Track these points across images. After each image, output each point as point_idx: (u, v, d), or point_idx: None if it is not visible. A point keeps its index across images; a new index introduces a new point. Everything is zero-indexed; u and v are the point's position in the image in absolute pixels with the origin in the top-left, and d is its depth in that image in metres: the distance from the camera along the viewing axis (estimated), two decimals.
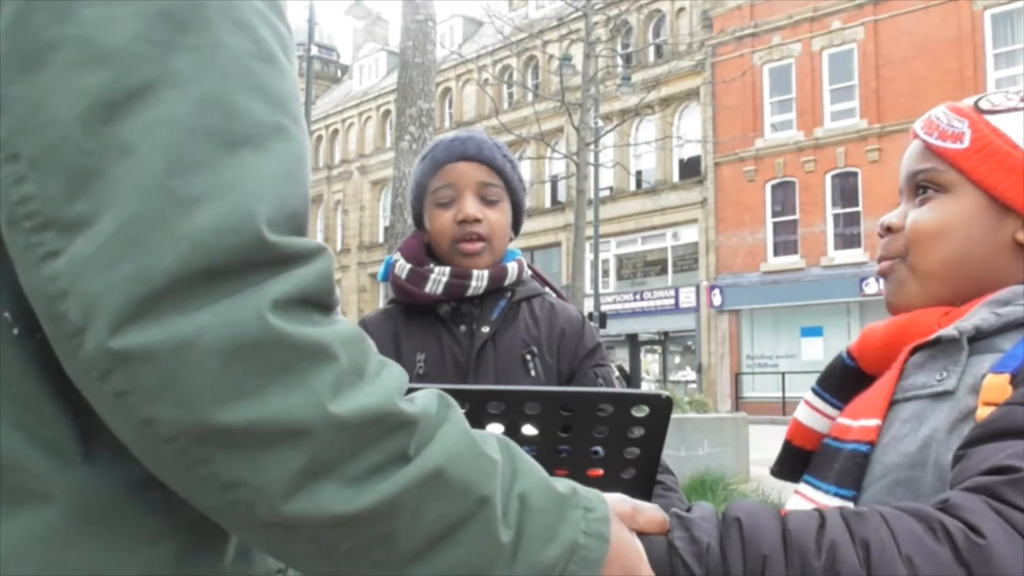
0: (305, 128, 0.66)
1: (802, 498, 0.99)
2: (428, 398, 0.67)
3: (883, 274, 1.07)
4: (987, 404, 0.86)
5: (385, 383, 0.63)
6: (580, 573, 0.67)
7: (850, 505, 0.92)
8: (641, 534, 0.74)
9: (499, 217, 1.68)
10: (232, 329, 0.56)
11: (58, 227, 0.56)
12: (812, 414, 1.10)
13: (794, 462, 1.10)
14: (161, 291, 0.55)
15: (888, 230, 1.07)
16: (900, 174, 1.11)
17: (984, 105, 1.05)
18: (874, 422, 0.94)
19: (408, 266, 1.67)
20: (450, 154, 1.67)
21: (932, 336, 0.95)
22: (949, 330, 0.93)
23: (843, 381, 1.09)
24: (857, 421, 0.98)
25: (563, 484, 0.71)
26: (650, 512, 0.76)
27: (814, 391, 1.11)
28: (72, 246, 0.56)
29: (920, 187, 1.07)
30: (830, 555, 0.70)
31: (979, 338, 0.92)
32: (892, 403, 0.95)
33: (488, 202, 1.66)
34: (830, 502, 0.94)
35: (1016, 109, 1.03)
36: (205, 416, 0.56)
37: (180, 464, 0.57)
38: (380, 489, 0.60)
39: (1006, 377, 0.86)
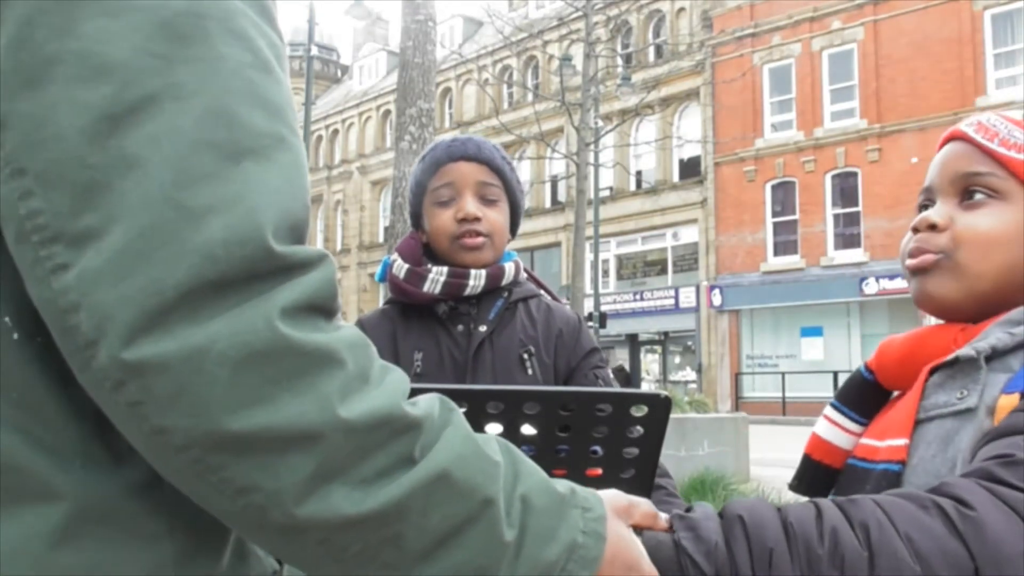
0: (300, 136, 0.67)
1: None
2: (431, 401, 0.68)
3: (922, 267, 1.06)
4: None
5: (390, 387, 0.64)
6: (579, 571, 0.69)
7: None
8: (637, 528, 0.76)
9: (498, 216, 1.69)
10: (243, 338, 0.57)
11: (66, 240, 0.57)
12: (832, 428, 1.11)
13: (813, 477, 1.12)
14: (173, 303, 0.56)
15: (932, 227, 1.06)
16: (938, 171, 1.09)
17: None
18: (902, 441, 0.96)
19: (406, 266, 1.67)
20: (450, 154, 1.68)
21: (950, 356, 0.97)
22: (967, 350, 0.95)
23: (862, 395, 1.11)
24: (884, 441, 0.99)
25: (562, 485, 0.72)
26: (644, 506, 0.78)
27: (834, 406, 1.13)
28: (82, 259, 0.56)
29: (970, 190, 1.05)
30: (832, 540, 0.72)
31: (994, 357, 0.94)
32: (916, 423, 0.97)
33: (487, 201, 1.67)
34: None
35: None
36: (218, 424, 0.57)
37: (193, 471, 0.59)
38: (389, 491, 0.61)
39: (1016, 397, 0.88)
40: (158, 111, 0.58)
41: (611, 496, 0.76)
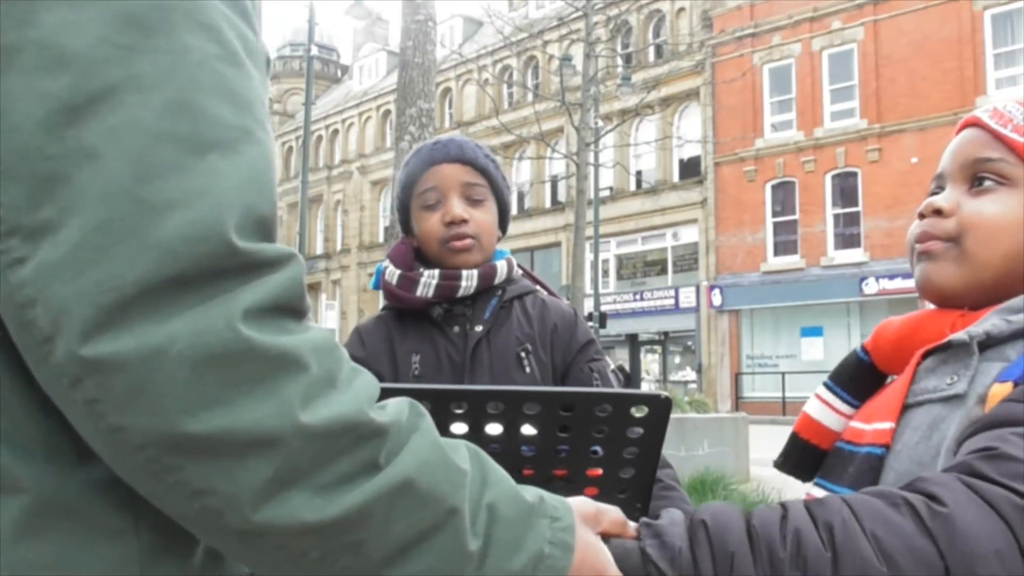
0: (271, 132, 0.66)
1: None
2: (399, 406, 0.67)
3: (926, 253, 1.04)
4: None
5: (357, 391, 0.63)
6: None
7: None
8: (606, 536, 0.76)
9: (485, 216, 1.69)
10: (203, 338, 0.56)
11: (23, 234, 0.56)
12: (823, 408, 1.10)
13: (799, 456, 1.10)
14: (131, 299, 0.55)
15: (938, 212, 1.04)
16: (950, 158, 1.07)
17: None
18: (888, 425, 0.95)
19: (398, 272, 1.68)
20: (432, 157, 1.69)
21: (943, 340, 0.95)
22: (960, 335, 0.94)
23: (856, 376, 1.09)
24: (871, 424, 0.98)
25: (531, 493, 0.71)
26: (612, 514, 0.78)
27: (826, 385, 1.11)
28: (38, 252, 0.55)
29: (979, 176, 1.03)
30: (795, 542, 0.71)
31: (989, 344, 0.92)
32: (905, 407, 0.95)
33: (473, 202, 1.68)
34: None
35: None
36: (175, 425, 0.56)
37: (150, 471, 0.58)
38: (351, 498, 0.60)
39: (1009, 386, 0.86)
40: (118, 103, 0.57)
41: (580, 504, 0.76)
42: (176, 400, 0.56)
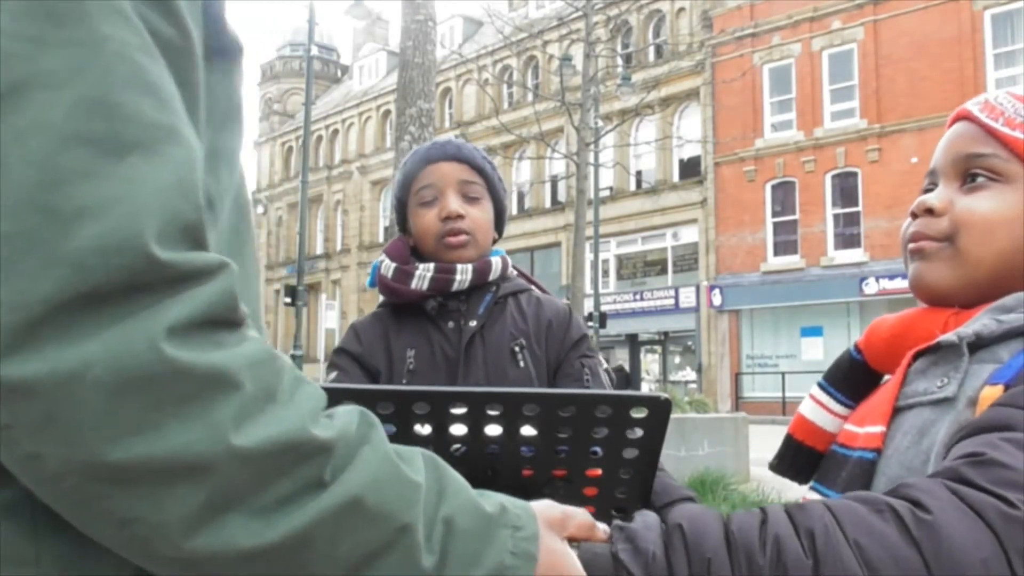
0: (192, 128, 0.61)
1: None
2: (348, 417, 0.63)
3: (920, 252, 1.01)
4: None
5: (299, 406, 0.59)
6: None
7: None
8: (574, 540, 0.74)
9: (481, 214, 1.71)
10: (122, 361, 0.51)
11: None
12: (817, 409, 1.08)
13: (794, 458, 1.08)
14: (39, 319, 0.50)
15: (929, 211, 1.01)
16: (942, 153, 1.04)
17: None
18: (878, 429, 0.93)
19: (393, 265, 1.70)
20: (430, 156, 1.72)
21: (933, 342, 0.93)
22: (949, 336, 0.91)
23: (849, 376, 1.07)
24: (863, 428, 0.96)
25: (491, 503, 0.68)
26: (580, 517, 0.75)
27: (820, 386, 1.09)
28: None
29: (971, 173, 1.00)
30: (775, 549, 0.69)
31: (981, 345, 0.90)
32: (896, 410, 0.93)
33: (470, 199, 1.70)
34: None
35: None
36: (94, 454, 0.52)
37: (72, 500, 0.54)
38: (292, 520, 0.57)
39: (1000, 388, 0.84)
40: (25, 102, 0.52)
41: (544, 509, 0.73)
42: (94, 428, 0.51)
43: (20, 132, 0.52)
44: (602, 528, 0.76)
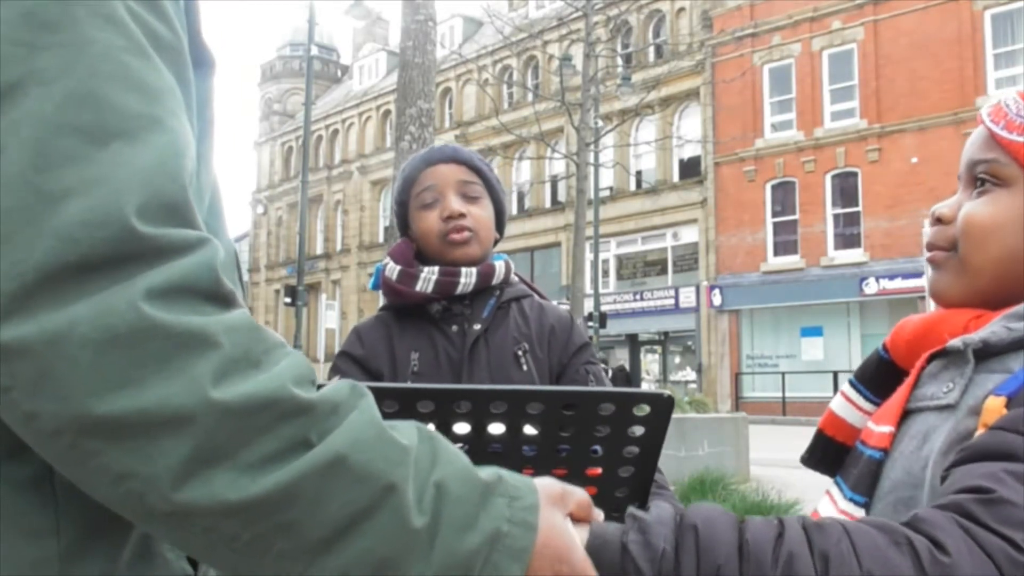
0: (187, 125, 0.67)
1: (828, 498, 0.98)
2: (338, 387, 0.66)
3: (933, 262, 1.01)
4: (986, 427, 0.82)
5: (280, 370, 0.63)
6: (505, 562, 0.66)
7: (862, 513, 0.91)
8: (575, 519, 0.73)
9: (482, 212, 1.72)
10: (104, 320, 0.57)
11: None
12: (846, 406, 1.08)
13: (824, 452, 1.08)
14: (32, 286, 0.56)
15: (938, 220, 1.00)
16: (961, 159, 1.02)
17: None
18: (887, 429, 0.93)
19: (398, 268, 1.70)
20: (429, 158, 1.74)
21: (944, 346, 0.92)
22: (955, 342, 0.90)
23: (877, 374, 1.06)
24: (879, 427, 0.96)
25: (488, 472, 0.69)
26: (579, 495, 0.75)
27: (851, 383, 1.09)
28: None
29: (979, 178, 0.98)
30: (787, 567, 0.68)
31: (990, 353, 0.88)
32: (907, 412, 0.93)
33: (470, 199, 1.71)
34: (846, 506, 0.93)
35: None
36: (84, 408, 0.57)
37: (72, 458, 0.59)
38: (276, 476, 0.60)
39: (1003, 400, 0.82)
40: (21, 97, 0.58)
41: (545, 484, 0.73)
42: (82, 383, 0.56)
43: (16, 122, 0.58)
44: (598, 510, 0.76)
